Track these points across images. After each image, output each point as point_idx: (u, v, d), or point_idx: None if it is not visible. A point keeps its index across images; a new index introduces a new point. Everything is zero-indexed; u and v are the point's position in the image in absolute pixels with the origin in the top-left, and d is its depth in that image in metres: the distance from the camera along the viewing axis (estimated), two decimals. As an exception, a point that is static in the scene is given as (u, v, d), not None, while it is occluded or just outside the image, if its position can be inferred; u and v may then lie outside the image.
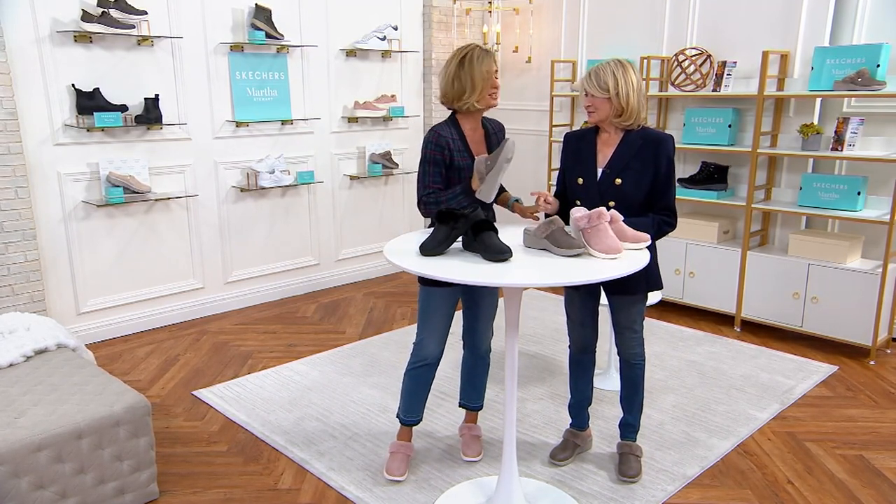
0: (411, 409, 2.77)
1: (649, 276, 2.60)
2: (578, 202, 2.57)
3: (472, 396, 2.93)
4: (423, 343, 2.66)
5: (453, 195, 2.54)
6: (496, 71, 2.56)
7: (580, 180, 2.58)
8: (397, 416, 2.83)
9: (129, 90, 4.17)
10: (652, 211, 2.55)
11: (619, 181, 2.51)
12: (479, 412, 3.08)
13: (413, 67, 5.64)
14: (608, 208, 2.50)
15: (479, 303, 2.74)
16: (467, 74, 2.52)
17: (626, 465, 2.75)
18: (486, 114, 2.69)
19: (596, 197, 2.54)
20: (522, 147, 5.90)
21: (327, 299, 5.10)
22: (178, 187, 4.48)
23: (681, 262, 4.62)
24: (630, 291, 2.60)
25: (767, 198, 4.52)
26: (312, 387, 3.59)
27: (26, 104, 3.80)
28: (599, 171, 2.55)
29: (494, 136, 2.69)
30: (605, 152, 2.56)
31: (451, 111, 2.64)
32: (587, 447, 2.96)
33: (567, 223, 2.44)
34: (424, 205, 2.58)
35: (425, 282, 2.58)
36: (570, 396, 2.92)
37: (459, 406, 2.98)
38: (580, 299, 2.74)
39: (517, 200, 2.74)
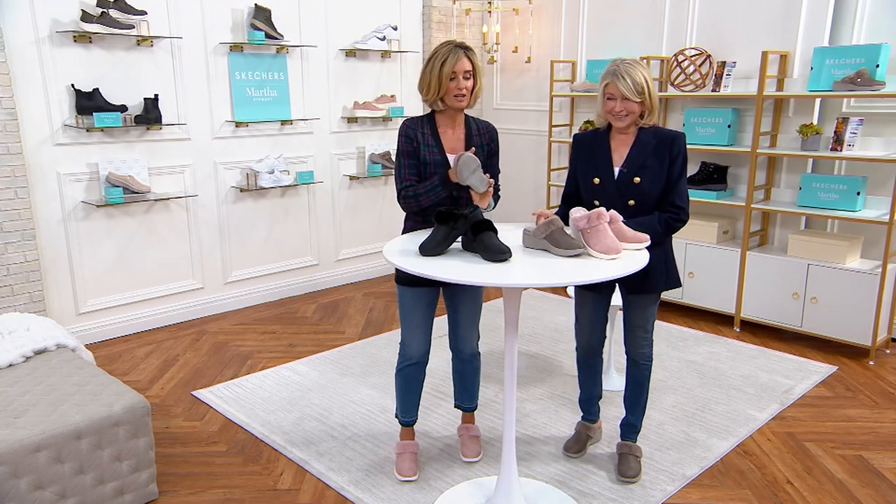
0: (406, 408, 2.79)
1: (669, 274, 2.59)
2: (597, 202, 2.55)
3: (464, 398, 2.93)
4: (405, 343, 2.68)
5: (431, 186, 2.50)
6: (466, 72, 2.47)
7: (596, 180, 2.56)
8: (396, 417, 2.85)
9: (129, 90, 4.17)
10: (661, 208, 2.55)
11: (637, 180, 2.50)
12: (478, 412, 3.09)
13: (412, 68, 5.64)
14: (628, 207, 2.51)
15: (458, 308, 2.72)
16: (428, 74, 2.50)
17: (626, 466, 2.75)
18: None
19: (615, 196, 2.53)
20: (522, 147, 5.91)
21: (327, 299, 5.10)
22: (178, 187, 4.48)
23: (680, 263, 4.61)
24: (649, 290, 2.59)
25: (767, 198, 4.52)
26: (312, 387, 3.59)
27: (26, 104, 3.80)
28: (616, 170, 2.54)
29: (478, 137, 2.62)
30: (620, 152, 2.55)
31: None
32: (598, 439, 3.00)
33: (566, 223, 2.44)
34: (404, 198, 2.56)
35: (400, 280, 2.59)
36: (579, 392, 2.95)
37: (455, 407, 2.99)
38: (593, 302, 2.72)
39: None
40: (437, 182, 2.50)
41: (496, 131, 2.71)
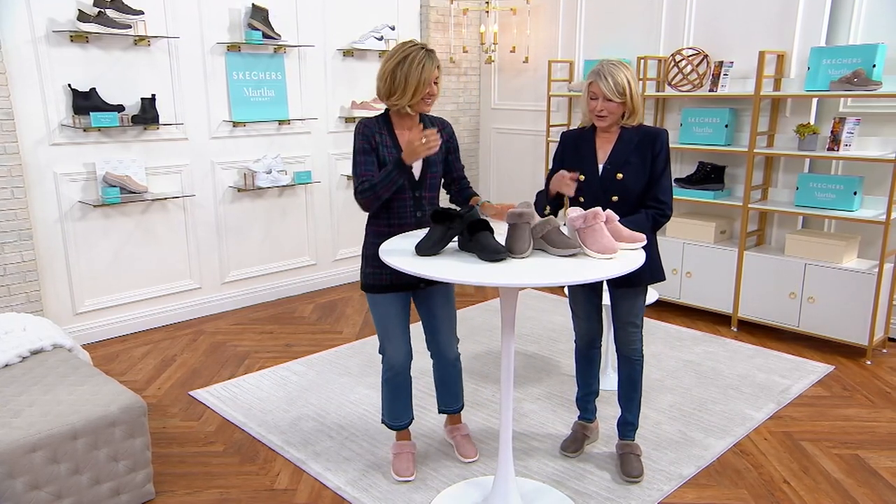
0: (397, 414, 2.77)
1: (653, 268, 2.61)
2: (582, 199, 2.58)
3: (449, 401, 2.90)
4: (385, 352, 2.67)
5: (386, 174, 2.40)
6: (437, 77, 2.44)
7: (581, 176, 2.59)
8: (383, 422, 2.82)
9: (126, 90, 4.16)
10: (644, 203, 2.57)
11: (620, 176, 2.54)
12: (477, 412, 3.08)
13: (410, 67, 5.63)
14: (611, 202, 2.52)
15: (435, 314, 2.70)
16: (403, 76, 2.41)
17: (630, 466, 2.75)
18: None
19: (599, 192, 2.57)
20: (520, 147, 5.91)
21: (324, 299, 5.10)
22: (175, 187, 4.47)
23: (678, 262, 4.62)
24: (633, 283, 2.61)
25: (764, 198, 4.53)
26: (309, 387, 3.58)
27: (22, 104, 3.80)
28: (600, 166, 2.58)
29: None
30: (604, 148, 2.60)
31: (385, 108, 2.56)
32: (595, 438, 3.02)
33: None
34: (360, 193, 2.46)
35: (368, 288, 2.59)
36: (577, 389, 2.96)
37: (439, 412, 2.94)
38: (584, 295, 2.78)
39: (487, 202, 2.60)
40: (391, 168, 2.40)
41: (451, 126, 2.68)
